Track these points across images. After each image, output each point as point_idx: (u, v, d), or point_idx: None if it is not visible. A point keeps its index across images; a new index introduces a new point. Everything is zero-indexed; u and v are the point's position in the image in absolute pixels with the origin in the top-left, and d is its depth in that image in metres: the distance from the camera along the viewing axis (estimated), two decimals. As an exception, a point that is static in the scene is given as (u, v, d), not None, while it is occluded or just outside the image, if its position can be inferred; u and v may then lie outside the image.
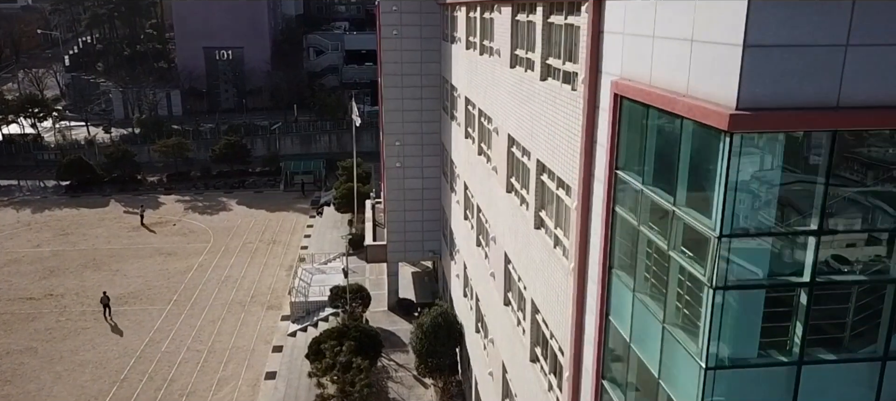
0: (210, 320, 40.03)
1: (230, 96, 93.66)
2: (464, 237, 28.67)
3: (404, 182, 37.11)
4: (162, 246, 52.19)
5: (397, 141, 36.45)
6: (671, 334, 8.74)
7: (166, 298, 43.08)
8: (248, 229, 56.00)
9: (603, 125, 11.15)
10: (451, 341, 29.97)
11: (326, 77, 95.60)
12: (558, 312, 14.48)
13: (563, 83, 14.14)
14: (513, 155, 19.02)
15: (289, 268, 47.79)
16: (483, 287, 24.02)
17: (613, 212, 10.68)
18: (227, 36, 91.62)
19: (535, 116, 15.98)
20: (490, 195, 22.18)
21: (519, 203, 18.30)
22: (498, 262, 20.98)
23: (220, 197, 64.87)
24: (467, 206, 28.10)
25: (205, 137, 76.37)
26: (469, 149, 26.64)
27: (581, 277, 12.35)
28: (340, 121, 79.37)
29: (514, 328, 19.15)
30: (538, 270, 16.10)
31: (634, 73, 9.83)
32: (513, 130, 18.45)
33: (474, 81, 24.71)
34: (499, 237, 20.77)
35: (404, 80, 35.77)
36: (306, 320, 38.70)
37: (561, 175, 14.02)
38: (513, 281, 19.47)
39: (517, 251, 18.34)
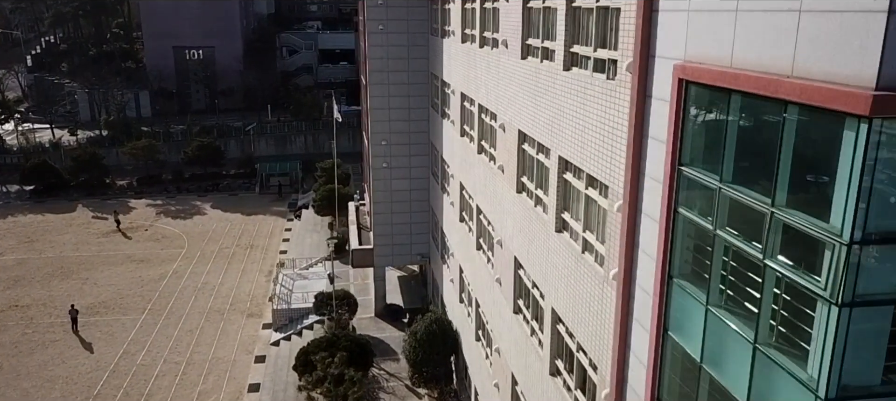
0: (187, 330, 38.14)
1: (201, 97, 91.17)
2: (459, 240, 27.33)
3: (391, 183, 35.65)
4: (134, 253, 50.02)
5: (383, 140, 34.98)
6: (767, 356, 7.49)
7: (140, 307, 41.05)
8: (224, 234, 54.03)
9: (657, 116, 9.89)
10: (445, 349, 28.62)
11: (300, 77, 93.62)
12: (589, 323, 13.20)
13: (594, 72, 12.86)
14: (524, 153, 17.72)
15: (268, 273, 46.00)
16: (486, 294, 22.70)
17: (675, 214, 9.42)
18: (198, 35, 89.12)
19: (556, 109, 14.69)
20: (494, 196, 20.87)
21: (533, 204, 17.00)
22: (505, 267, 19.67)
23: (193, 201, 62.71)
24: (464, 207, 26.76)
25: (176, 139, 73.97)
26: (466, 148, 25.30)
27: (626, 287, 11.08)
28: (316, 121, 77.55)
29: (526, 339, 17.85)
30: (561, 278, 14.81)
31: (705, 54, 8.57)
32: (525, 125, 17.15)
33: (473, 76, 23.38)
34: (506, 241, 19.46)
35: (391, 77, 34.32)
36: (290, 329, 37.03)
37: (593, 173, 12.74)
38: (525, 288, 18.17)
39: (531, 256, 17.05)
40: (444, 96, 30.46)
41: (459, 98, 26.14)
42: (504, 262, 19.80)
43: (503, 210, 19.77)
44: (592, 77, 12.82)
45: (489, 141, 21.90)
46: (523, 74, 17.17)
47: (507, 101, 18.82)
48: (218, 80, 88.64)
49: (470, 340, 26.00)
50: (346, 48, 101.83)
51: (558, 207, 14.95)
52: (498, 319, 21.04)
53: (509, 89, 18.61)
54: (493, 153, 21.30)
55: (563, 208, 14.85)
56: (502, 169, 19.56)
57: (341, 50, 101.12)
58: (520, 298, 18.77)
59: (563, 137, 14.36)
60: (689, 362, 9.24)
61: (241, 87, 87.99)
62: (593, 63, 12.90)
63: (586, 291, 13.35)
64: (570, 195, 14.54)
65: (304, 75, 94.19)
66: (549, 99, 15.12)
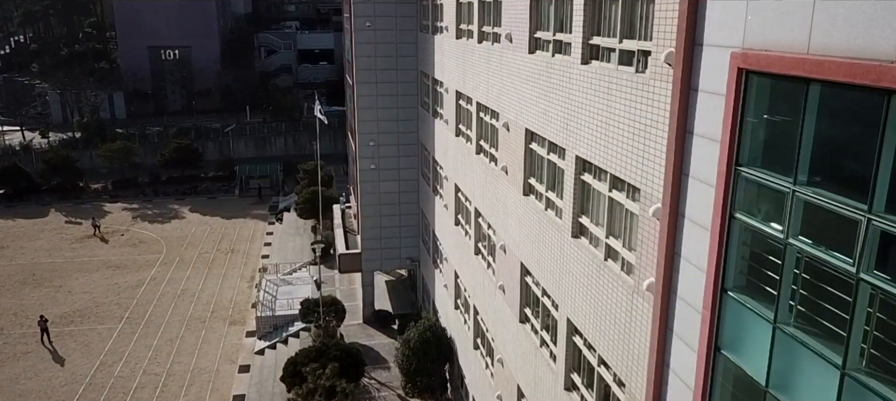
0: (167, 339, 36.66)
1: (177, 98, 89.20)
2: (455, 245, 26.27)
3: (379, 185, 34.50)
4: (109, 258, 48.30)
5: (371, 141, 33.83)
6: (860, 382, 6.52)
7: (117, 315, 39.46)
8: (203, 238, 52.47)
9: (706, 111, 8.90)
10: (440, 357, 27.55)
11: (280, 77, 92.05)
12: (614, 336, 12.21)
13: (619, 65, 11.87)
14: (533, 153, 16.70)
15: (250, 279, 44.62)
16: (486, 301, 21.66)
17: (732, 220, 8.44)
18: (174, 35, 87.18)
19: (572, 106, 13.70)
20: (496, 199, 19.84)
21: (543, 207, 15.99)
22: (510, 274, 18.64)
23: (171, 204, 61.00)
24: (459, 210, 25.71)
25: (152, 141, 72.06)
26: (462, 148, 24.25)
27: (664, 299, 10.09)
28: (296, 122, 76.09)
29: (535, 350, 16.84)
30: (578, 287, 13.81)
31: (771, 40, 7.60)
32: (534, 124, 16.14)
33: (470, 73, 22.34)
34: (511, 246, 18.44)
35: (379, 76, 33.19)
36: (274, 336, 35.71)
37: (619, 174, 11.76)
38: (533, 296, 17.16)
39: (542, 263, 16.03)
40: (435, 95, 29.39)
41: (454, 97, 25.08)
42: (508, 268, 18.77)
43: (507, 214, 18.74)
44: (618, 71, 11.83)
45: (489, 141, 20.87)
46: (531, 70, 16.15)
47: (512, 98, 17.80)
48: (195, 80, 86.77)
49: (467, 348, 24.95)
50: (326, 48, 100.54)
51: (575, 211, 13.94)
52: (501, 327, 20.00)
53: (514, 86, 17.58)
54: (494, 154, 20.27)
55: (581, 212, 13.85)
56: (506, 170, 18.53)
57: (320, 50, 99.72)
58: (527, 307, 17.75)
59: (580, 135, 13.36)
60: (749, 386, 8.26)
61: (218, 87, 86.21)
62: (619, 55, 11.91)
63: (610, 302, 12.35)
64: (589, 198, 13.55)
65: (284, 75, 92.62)
66: (564, 95, 14.11)
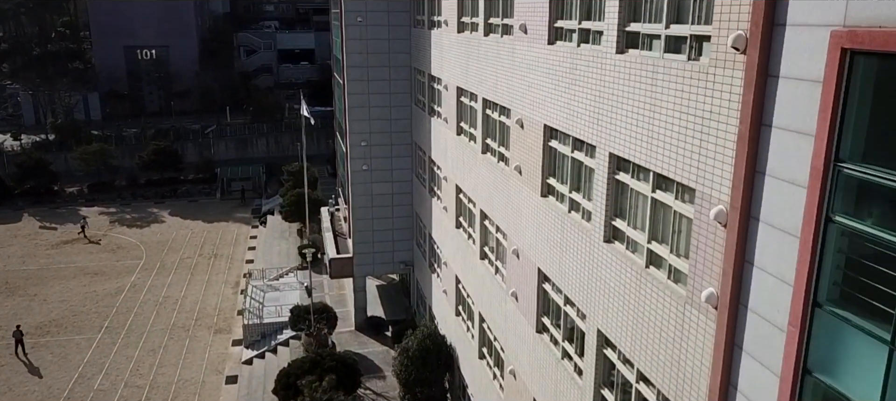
0: (150, 349, 35.06)
1: (155, 99, 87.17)
2: (455, 249, 25.10)
3: (372, 187, 33.22)
4: (87, 265, 46.49)
5: (363, 141, 32.55)
6: None
7: (96, 325, 37.77)
8: (184, 243, 50.78)
9: (790, 100, 7.83)
10: (440, 366, 26.36)
11: (260, 77, 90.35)
12: (659, 351, 11.12)
13: (666, 53, 10.78)
14: (553, 151, 15.59)
15: (235, 285, 43.10)
16: (494, 308, 20.52)
17: (827, 224, 7.37)
18: (151, 34, 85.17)
19: (605, 99, 12.60)
20: (507, 200, 18.70)
21: (566, 209, 14.88)
22: (524, 281, 17.52)
23: (150, 208, 59.17)
24: (461, 213, 24.54)
25: (129, 143, 70.05)
26: (464, 148, 23.10)
27: (731, 312, 9.00)
28: (278, 123, 74.45)
29: (555, 363, 15.72)
30: (612, 296, 12.71)
31: (885, 14, 6.52)
32: (554, 120, 15.02)
33: (474, 69, 21.19)
34: (526, 251, 17.31)
35: (370, 73, 31.92)
36: (263, 345, 34.28)
37: (667, 173, 10.67)
38: (554, 305, 16.04)
39: (564, 269, 14.92)
40: (432, 93, 28.21)
41: (455, 94, 23.92)
42: (523, 274, 17.64)
43: (520, 216, 17.61)
44: (664, 60, 10.74)
45: (498, 139, 19.73)
46: (552, 62, 15.03)
47: (526, 93, 16.67)
48: (173, 80, 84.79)
49: (471, 357, 23.79)
50: (307, 48, 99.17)
51: (608, 214, 12.84)
52: (512, 337, 18.87)
53: (529, 80, 16.46)
54: (503, 153, 19.13)
55: (616, 215, 12.75)
56: (519, 170, 17.40)
57: (301, 50, 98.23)
58: (545, 316, 16.63)
59: (615, 131, 12.27)
60: (852, 415, 7.19)
61: (197, 88, 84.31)
62: (665, 42, 10.81)
63: (655, 313, 11.26)
64: (625, 199, 12.45)
65: (264, 76, 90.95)
66: (594, 88, 13.01)
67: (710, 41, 9.52)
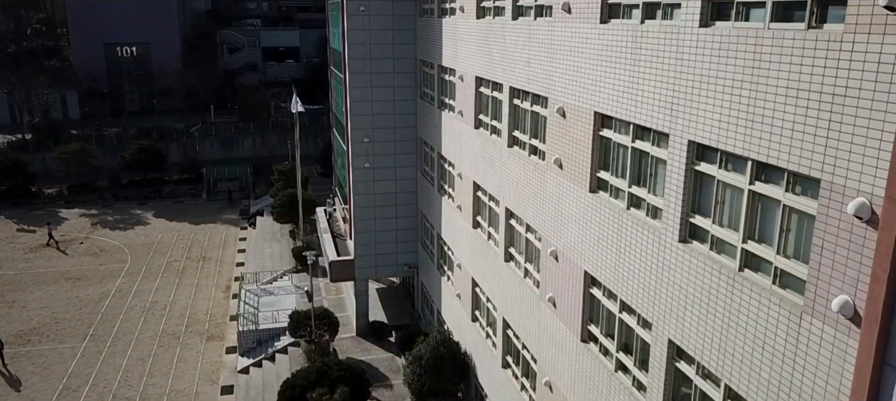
0: (139, 358, 33.11)
1: (136, 97, 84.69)
2: (473, 250, 23.54)
3: (374, 185, 31.59)
4: (69, 269, 44.30)
5: (366, 137, 30.91)
6: None
7: (80, 332, 35.71)
8: (170, 245, 48.72)
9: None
10: (455, 375, 24.80)
11: (244, 75, 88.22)
12: (760, 366, 9.66)
13: (772, 22, 9.31)
14: (605, 141, 14.09)
15: (226, 289, 41.21)
16: (523, 315, 18.99)
17: None
18: (131, 31, 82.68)
19: (681, 80, 11.14)
20: (542, 198, 17.20)
21: (624, 206, 13.40)
22: (566, 285, 16.01)
23: (133, 209, 56.94)
24: (479, 212, 22.99)
25: (110, 143, 67.73)
26: (485, 142, 21.56)
27: (882, 326, 7.54)
28: (265, 122, 72.49)
29: (608, 377, 14.23)
30: (691, 303, 11.26)
31: None
32: (608, 106, 13.55)
33: (500, 56, 19.66)
34: (568, 252, 15.80)
35: (374, 65, 30.31)
36: (259, 352, 32.49)
37: (774, 161, 9.21)
38: (605, 312, 14.55)
39: (621, 272, 13.45)
40: (443, 85, 26.65)
41: (473, 84, 22.37)
42: (563, 278, 16.13)
43: (560, 215, 16.11)
44: (769, 30, 9.27)
45: (529, 131, 18.21)
46: (605, 43, 13.55)
47: (570, 79, 15.17)
48: (154, 79, 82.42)
49: (491, 366, 22.25)
50: (291, 46, 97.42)
51: (685, 209, 11.37)
52: (548, 346, 17.36)
53: (573, 64, 14.97)
54: (537, 146, 17.62)
55: (695, 210, 11.28)
56: (559, 164, 15.90)
57: (286, 48, 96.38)
58: (593, 324, 15.13)
59: (695, 116, 10.81)
60: None
61: (180, 86, 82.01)
62: (772, 9, 9.34)
63: (751, 323, 9.80)
64: (709, 193, 10.98)
65: (248, 74, 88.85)
66: (666, 69, 11.55)
67: (846, 5, 8.05)
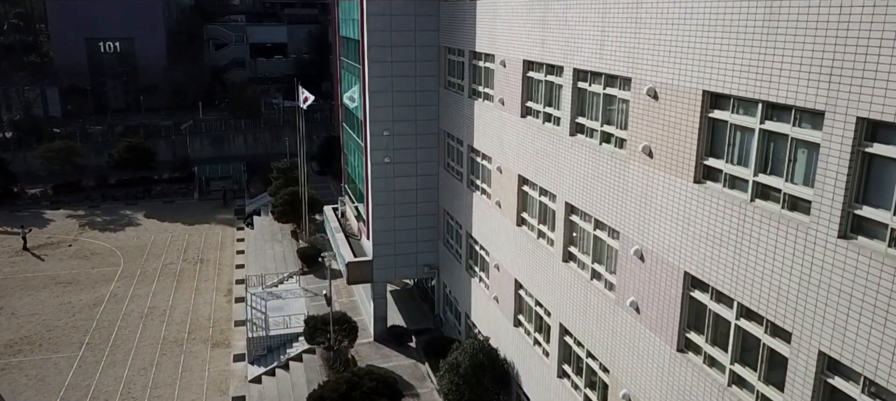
0: (140, 368, 30.95)
1: (120, 94, 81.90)
2: (517, 250, 21.76)
3: (394, 182, 29.72)
4: (58, 273, 41.88)
5: (386, 130, 29.04)
6: None
7: (75, 341, 33.43)
8: (165, 247, 46.43)
9: None
10: (495, 384, 23.02)
11: (231, 72, 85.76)
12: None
13: None
14: (717, 124, 12.38)
15: (228, 293, 39.09)
16: (591, 321, 17.24)
17: None
18: (114, 25, 79.98)
19: (848, 41, 9.46)
20: (623, 191, 15.47)
21: (747, 198, 11.71)
22: (656, 289, 14.30)
23: (122, 210, 54.49)
24: (527, 208, 21.21)
25: (95, 141, 65.11)
26: (537, 131, 19.80)
27: None
28: (256, 119, 70.15)
29: (719, 391, 12.53)
30: (853, 309, 9.57)
31: None
32: (729, 84, 11.85)
33: (559, 34, 17.92)
34: (658, 253, 14.09)
35: (394, 54, 28.45)
36: (270, 360, 30.48)
37: None
38: (712, 318, 12.84)
39: (743, 274, 11.77)
40: (475, 72, 24.87)
41: (519, 69, 20.59)
42: (651, 281, 14.41)
43: (650, 209, 14.40)
44: None
45: (601, 118, 16.46)
46: (723, 5, 11.85)
47: (666, 53, 13.46)
48: (139, 75, 79.69)
49: (542, 375, 20.49)
50: (279, 42, 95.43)
51: (847, 200, 9.68)
52: (627, 355, 15.64)
53: (670, 36, 13.26)
54: (615, 134, 15.88)
55: (861, 200, 9.59)
56: (649, 152, 14.17)
57: (273, 44, 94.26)
58: (694, 331, 13.43)
59: (873, 86, 9.13)
60: None
61: (165, 83, 79.39)
62: None
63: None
64: (874, 176, 9.30)
65: (236, 70, 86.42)
66: (830, 26, 9.86)
67: None
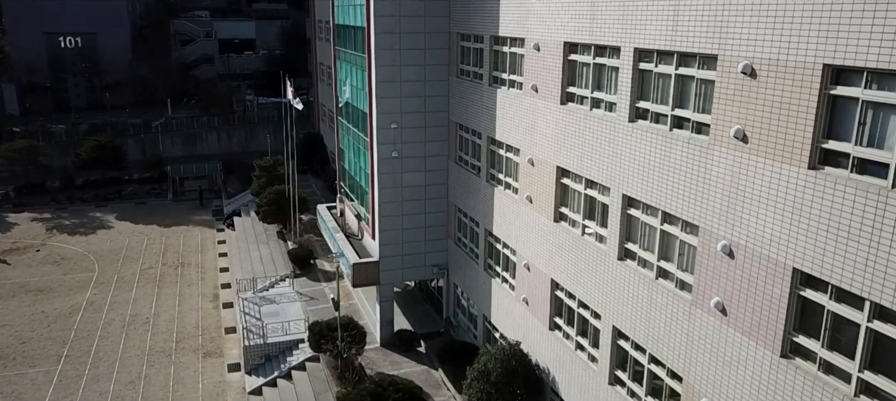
0: (128, 382, 28.66)
1: (82, 92, 78.27)
2: (555, 248, 20.23)
3: (402, 178, 28.00)
4: (28, 281, 39.08)
5: (393, 122, 27.29)
6: None
7: (53, 353, 30.91)
8: (141, 251, 43.84)
9: None
10: (528, 393, 21.48)
11: (199, 68, 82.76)
12: None
13: None
14: (838, 102, 11.01)
15: (213, 298, 36.85)
16: (657, 324, 15.79)
17: None
18: (75, 19, 76.45)
19: None
20: (704, 181, 14.05)
21: (886, 183, 10.35)
22: (750, 289, 12.90)
23: (91, 212, 51.55)
24: (568, 202, 19.69)
25: (59, 140, 61.76)
26: (585, 119, 18.30)
27: None
28: (231, 116, 67.50)
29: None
30: None
31: None
32: (861, 54, 10.47)
33: (612, 11, 16.44)
34: (756, 248, 12.68)
35: (403, 41, 26.78)
36: (271, 370, 28.49)
37: None
38: (829, 321, 11.46)
39: (881, 271, 10.39)
40: (497, 58, 23.30)
41: (560, 52, 19.06)
42: (744, 280, 13.00)
43: (744, 200, 12.99)
44: None
45: (673, 101, 15.00)
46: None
47: (773, 24, 12.06)
48: (102, 71, 76.25)
49: (588, 383, 19.00)
50: (248, 38, 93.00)
51: None
52: (708, 362, 14.22)
53: (776, 4, 11.87)
54: (692, 118, 14.44)
55: None
56: (743, 136, 12.76)
57: (241, 40, 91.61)
58: (804, 335, 12.03)
59: None
60: None
61: (131, 79, 76.14)
62: None
63: None
64: None
65: (204, 66, 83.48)
66: None
67: None
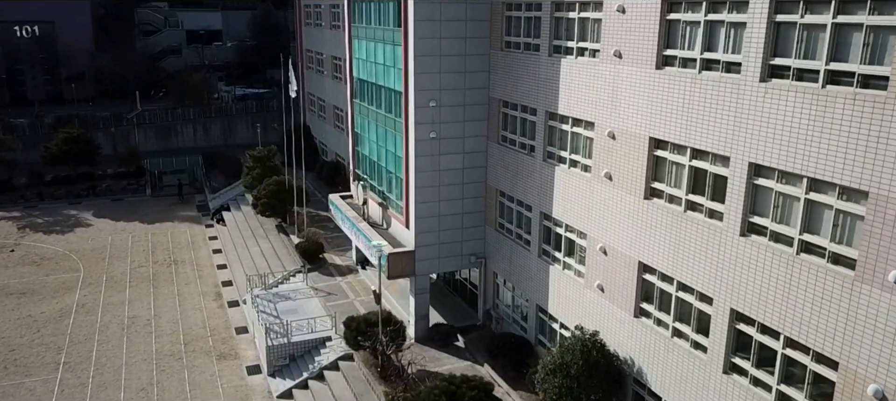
0: (139, 388, 26.05)
1: (40, 84, 73.76)
2: (645, 227, 18.59)
3: (440, 160, 26.07)
4: (7, 283, 35.82)
5: (432, 100, 25.32)
6: None
7: (48, 361, 28.02)
8: (128, 249, 40.80)
9: None
10: (609, 385, 19.83)
11: (166, 59, 79.03)
12: None
13: None
14: None
15: (216, 296, 34.29)
16: (798, 305, 14.26)
17: None
18: (31, 7, 71.71)
19: None
20: (875, 142, 12.54)
21: None
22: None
23: (65, 210, 48.04)
24: (660, 177, 18.07)
25: (22, 134, 57.73)
26: (692, 83, 16.70)
27: None
28: (207, 108, 64.28)
29: None
30: None
31: None
32: None
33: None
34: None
35: (444, 11, 24.80)
36: (298, 371, 26.24)
37: None
38: None
39: None
40: (560, 25, 21.55)
41: (657, 9, 17.42)
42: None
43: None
44: None
45: (828, 55, 13.46)
46: None
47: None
48: (62, 62, 72.00)
49: (691, 372, 17.43)
50: (214, 29, 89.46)
51: None
52: (881, 345, 12.73)
53: None
54: (860, 71, 12.93)
55: None
56: None
57: (207, 30, 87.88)
58: None
59: None
60: None
61: (93, 70, 72.09)
62: None
63: None
64: None
65: (171, 57, 79.75)
66: None
67: None
